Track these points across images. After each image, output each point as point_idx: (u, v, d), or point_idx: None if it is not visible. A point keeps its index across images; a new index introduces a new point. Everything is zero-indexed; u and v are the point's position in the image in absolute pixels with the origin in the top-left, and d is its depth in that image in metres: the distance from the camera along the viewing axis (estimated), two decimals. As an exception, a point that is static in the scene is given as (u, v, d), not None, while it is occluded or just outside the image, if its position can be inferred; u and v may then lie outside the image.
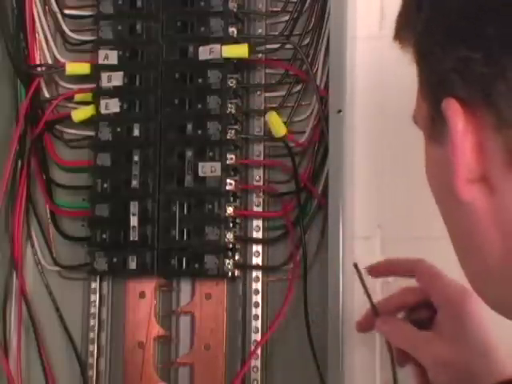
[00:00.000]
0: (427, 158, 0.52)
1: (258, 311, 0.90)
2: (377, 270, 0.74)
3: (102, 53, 0.91)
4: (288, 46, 0.90)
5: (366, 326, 0.73)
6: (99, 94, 0.92)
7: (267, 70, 0.93)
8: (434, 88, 0.48)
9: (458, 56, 0.45)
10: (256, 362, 0.89)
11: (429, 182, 0.53)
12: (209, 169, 0.88)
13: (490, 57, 0.44)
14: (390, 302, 0.72)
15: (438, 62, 0.47)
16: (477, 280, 0.52)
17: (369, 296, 0.72)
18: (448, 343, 0.67)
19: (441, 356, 0.67)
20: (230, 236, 0.88)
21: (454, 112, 0.46)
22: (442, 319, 0.68)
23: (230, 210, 0.88)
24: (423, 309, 0.70)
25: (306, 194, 0.90)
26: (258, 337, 0.89)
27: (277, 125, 0.88)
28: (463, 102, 0.45)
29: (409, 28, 0.50)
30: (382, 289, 0.84)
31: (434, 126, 0.49)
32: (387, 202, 0.85)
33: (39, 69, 0.96)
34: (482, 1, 0.44)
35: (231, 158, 0.89)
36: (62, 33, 0.96)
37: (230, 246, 0.88)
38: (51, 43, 0.96)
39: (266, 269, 0.91)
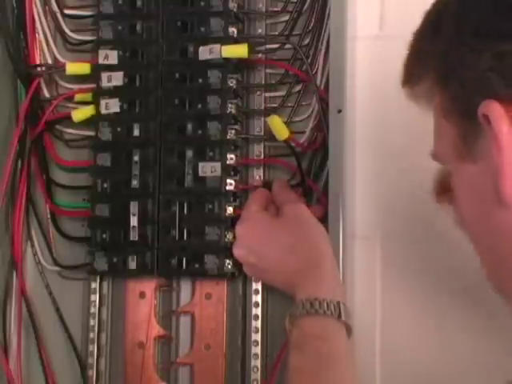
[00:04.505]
0: (459, 182, 0.51)
1: (258, 311, 0.90)
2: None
3: (102, 53, 0.91)
4: (288, 46, 0.90)
5: None
6: (99, 94, 0.92)
7: (267, 70, 0.93)
8: (470, 96, 0.46)
9: (493, 52, 0.44)
10: (256, 362, 0.89)
11: (461, 205, 0.51)
12: (209, 169, 0.88)
13: None
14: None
15: (472, 65, 0.45)
16: (497, 276, 0.52)
17: None
18: (281, 251, 0.80)
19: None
20: (230, 236, 0.88)
21: (497, 114, 0.44)
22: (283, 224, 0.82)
23: (229, 210, 0.88)
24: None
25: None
26: (257, 337, 0.89)
27: (279, 128, 0.88)
28: (504, 102, 0.44)
29: (426, 57, 0.49)
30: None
31: (465, 144, 0.47)
32: (387, 202, 0.85)
33: (39, 69, 0.95)
34: None
35: (231, 158, 0.89)
36: (62, 33, 0.96)
37: (230, 245, 0.88)
38: (51, 43, 0.96)
39: (266, 269, 0.91)
